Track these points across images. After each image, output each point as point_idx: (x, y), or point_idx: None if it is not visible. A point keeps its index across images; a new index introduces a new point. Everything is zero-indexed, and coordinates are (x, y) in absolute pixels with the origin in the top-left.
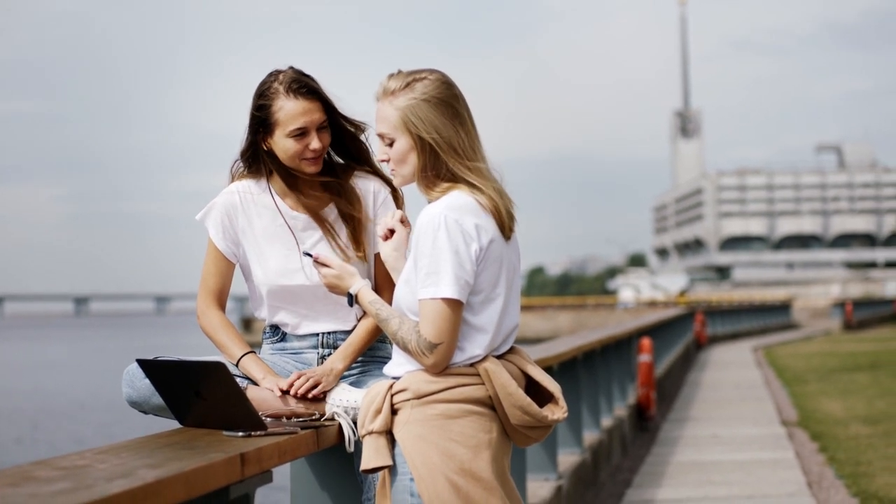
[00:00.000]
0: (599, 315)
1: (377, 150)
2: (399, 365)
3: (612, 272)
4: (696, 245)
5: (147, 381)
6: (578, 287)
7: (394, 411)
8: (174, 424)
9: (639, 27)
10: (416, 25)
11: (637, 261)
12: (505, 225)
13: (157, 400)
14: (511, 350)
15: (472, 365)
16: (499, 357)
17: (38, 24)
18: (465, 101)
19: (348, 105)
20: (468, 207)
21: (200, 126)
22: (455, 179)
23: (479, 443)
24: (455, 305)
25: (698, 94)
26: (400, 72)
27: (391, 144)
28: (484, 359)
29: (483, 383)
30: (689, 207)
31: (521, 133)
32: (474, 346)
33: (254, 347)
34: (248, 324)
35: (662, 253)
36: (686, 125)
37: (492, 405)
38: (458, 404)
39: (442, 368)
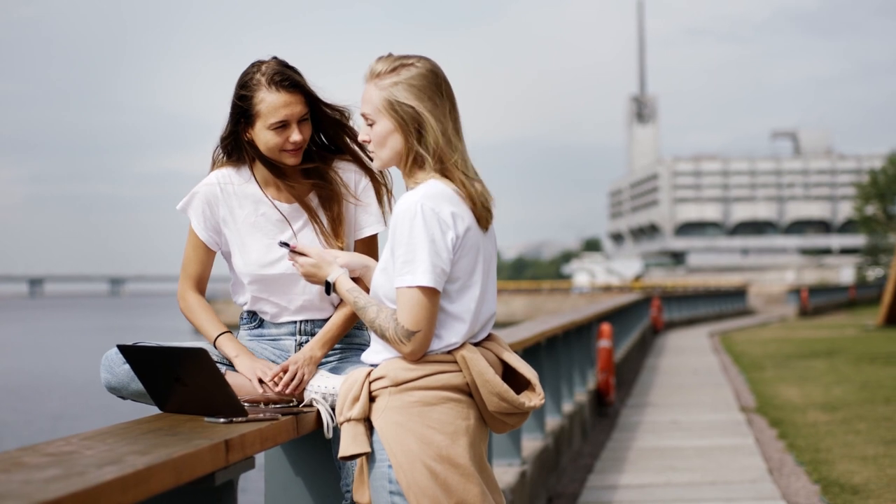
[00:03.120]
0: (554, 299)
1: (360, 130)
2: (377, 352)
3: (567, 257)
4: (651, 230)
5: (126, 366)
6: (534, 271)
7: (372, 398)
8: (150, 410)
9: (596, 12)
10: (368, 6)
11: (592, 245)
12: (481, 215)
13: (136, 385)
14: (488, 337)
15: (449, 352)
16: (476, 344)
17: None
18: (450, 91)
19: (330, 92)
20: (445, 196)
21: (157, 108)
22: (433, 167)
23: (456, 429)
24: (431, 294)
25: (655, 80)
26: (390, 55)
27: (371, 126)
28: (461, 346)
29: (460, 370)
30: (645, 193)
31: (476, 117)
32: (451, 334)
33: (231, 330)
34: None
35: (617, 238)
36: (642, 110)
37: (469, 392)
38: (436, 391)
39: (419, 356)
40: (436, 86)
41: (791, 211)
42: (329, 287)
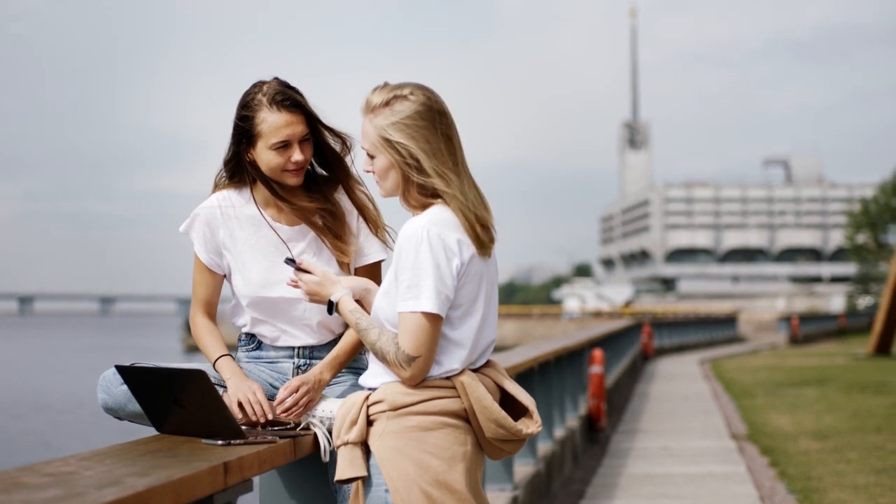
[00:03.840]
0: (544, 325)
1: (363, 161)
2: (375, 376)
3: (558, 282)
4: (641, 256)
5: (123, 387)
6: (524, 296)
7: (369, 422)
8: (146, 431)
9: (589, 38)
10: (361, 29)
11: (583, 271)
12: (482, 242)
13: (133, 406)
14: (487, 364)
15: (448, 378)
16: (475, 371)
17: None
18: (447, 117)
19: (333, 117)
20: (450, 223)
21: (149, 126)
22: (435, 195)
23: (453, 455)
24: (434, 320)
25: (647, 106)
26: (386, 85)
27: (372, 160)
28: (460, 372)
29: (458, 396)
30: (636, 219)
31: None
32: (452, 360)
33: (232, 354)
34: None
35: (608, 263)
36: (634, 136)
37: (467, 418)
38: (434, 417)
39: (418, 381)
40: (429, 121)
41: (782, 238)
42: (332, 307)
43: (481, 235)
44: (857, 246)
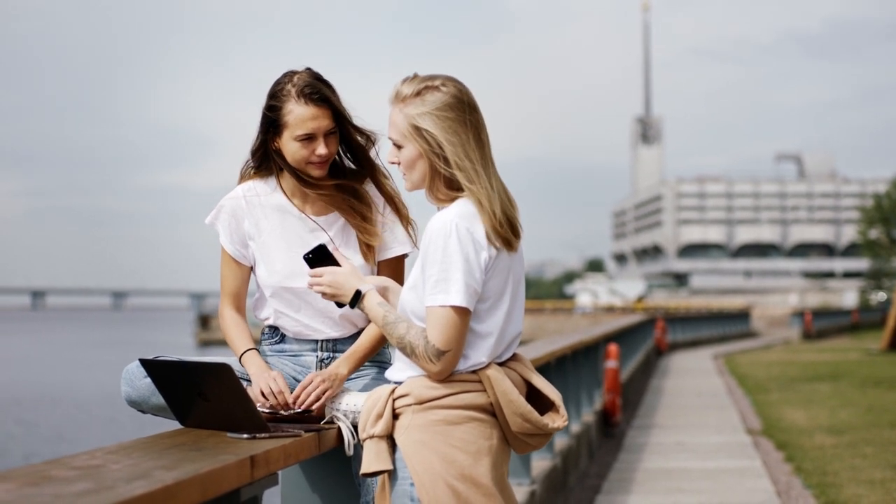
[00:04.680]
0: (557, 320)
1: (389, 152)
2: (401, 370)
3: (570, 277)
4: (654, 251)
5: (147, 380)
6: (536, 291)
7: (395, 416)
8: (170, 424)
9: (601, 33)
10: (372, 27)
11: (595, 266)
12: (506, 237)
13: (157, 399)
14: (513, 357)
15: (474, 371)
16: (501, 364)
17: (1, 18)
18: (476, 111)
19: (361, 114)
20: (478, 217)
21: (159, 122)
22: (462, 189)
23: (479, 449)
24: (463, 313)
25: (660, 101)
26: (416, 76)
27: (399, 150)
28: (487, 366)
29: (484, 390)
30: (649, 214)
31: None
32: (479, 354)
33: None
34: (205, 321)
35: (621, 258)
36: (647, 132)
37: (493, 412)
38: (460, 410)
39: (446, 376)
40: (460, 113)
41: (795, 234)
42: (356, 299)
43: (505, 231)
44: (870, 241)
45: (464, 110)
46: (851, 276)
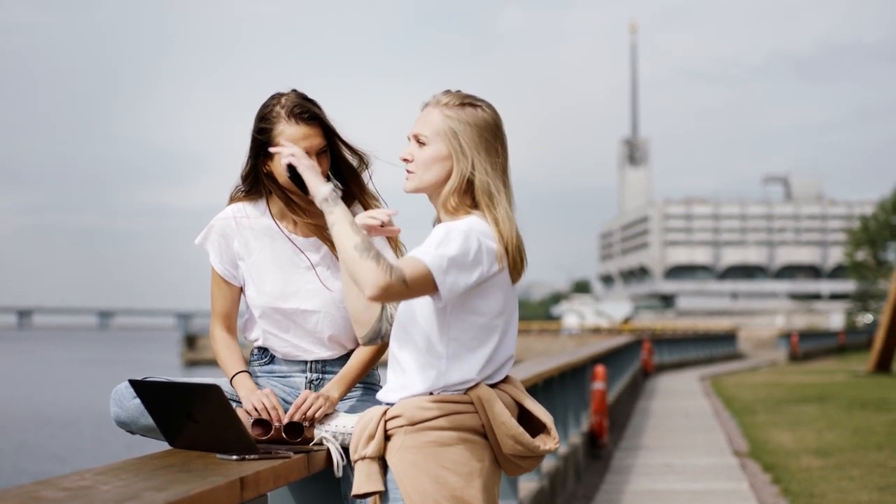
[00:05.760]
0: (543, 341)
1: (407, 149)
2: (393, 391)
3: (557, 298)
4: (641, 273)
5: (136, 401)
6: (523, 312)
7: (387, 437)
8: (158, 445)
9: (589, 54)
10: (363, 46)
11: (582, 287)
12: (515, 265)
13: (146, 420)
14: (505, 380)
15: (465, 392)
16: (492, 386)
17: None
18: (505, 144)
19: (351, 135)
20: (491, 236)
21: (150, 141)
22: (478, 207)
23: (471, 471)
24: (428, 278)
25: (647, 122)
26: (458, 91)
27: (421, 147)
28: (477, 387)
29: (476, 412)
30: (635, 235)
31: None
32: (470, 369)
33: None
34: (191, 341)
35: (607, 280)
36: (634, 153)
37: (484, 434)
38: (451, 432)
39: (381, 299)
40: (496, 138)
41: (781, 256)
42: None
43: (513, 257)
44: (857, 263)
45: (499, 137)
46: (838, 297)
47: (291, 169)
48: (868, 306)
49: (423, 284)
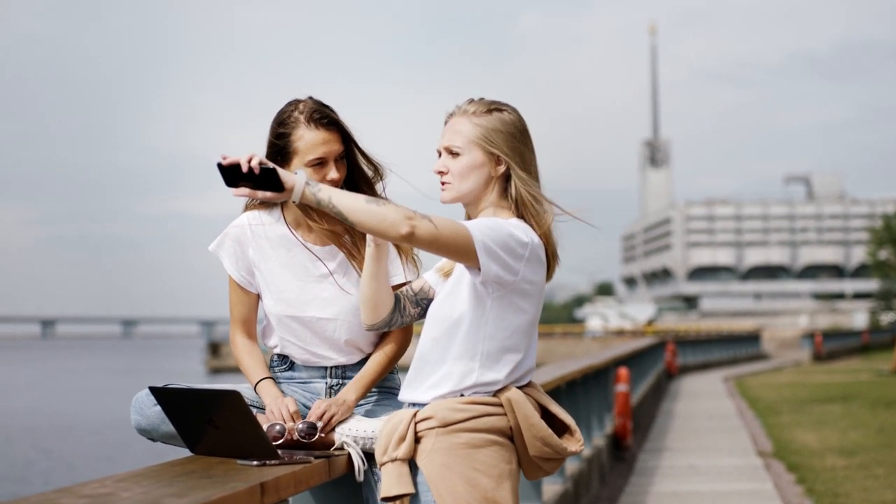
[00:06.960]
0: (567, 343)
1: (439, 161)
2: (421, 390)
3: (580, 301)
4: (663, 274)
5: (157, 408)
6: (546, 315)
7: (417, 439)
8: (179, 452)
9: (609, 57)
10: (381, 53)
11: (605, 290)
12: (552, 267)
13: (167, 427)
14: (527, 384)
15: (494, 394)
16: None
17: (7, 46)
18: (532, 143)
19: (368, 144)
20: (535, 237)
21: (167, 150)
22: (517, 209)
23: (501, 472)
24: (465, 237)
25: (667, 124)
26: (482, 99)
27: (454, 158)
28: (507, 389)
29: (505, 414)
30: (658, 237)
31: None
32: (502, 368)
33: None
34: (215, 348)
35: (630, 282)
36: (655, 155)
37: (511, 436)
38: (482, 434)
39: (407, 237)
40: (525, 139)
41: (804, 255)
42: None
43: (552, 257)
44: (880, 262)
45: (527, 139)
46: (861, 297)
47: (249, 172)
48: (892, 305)
49: (456, 237)
